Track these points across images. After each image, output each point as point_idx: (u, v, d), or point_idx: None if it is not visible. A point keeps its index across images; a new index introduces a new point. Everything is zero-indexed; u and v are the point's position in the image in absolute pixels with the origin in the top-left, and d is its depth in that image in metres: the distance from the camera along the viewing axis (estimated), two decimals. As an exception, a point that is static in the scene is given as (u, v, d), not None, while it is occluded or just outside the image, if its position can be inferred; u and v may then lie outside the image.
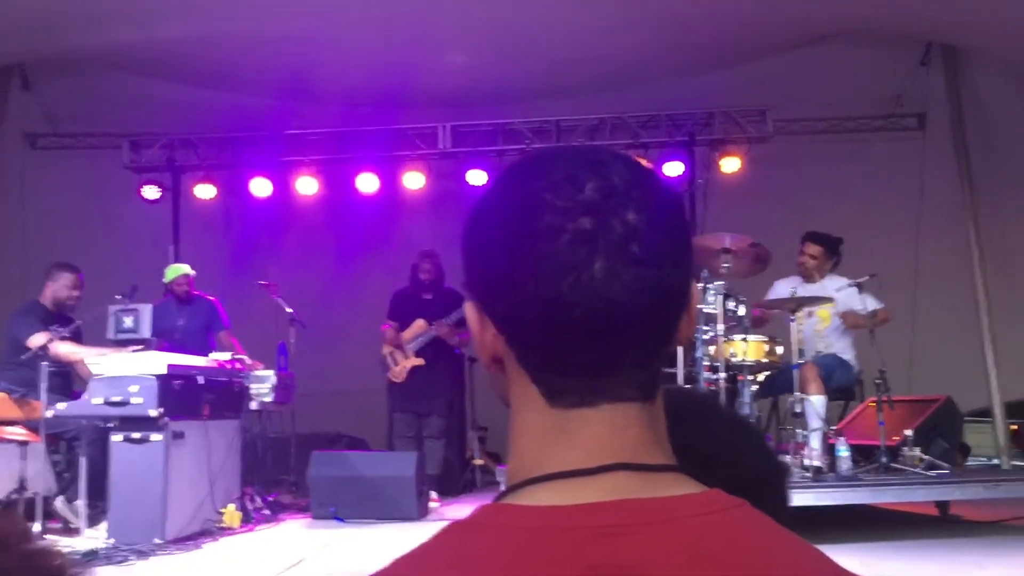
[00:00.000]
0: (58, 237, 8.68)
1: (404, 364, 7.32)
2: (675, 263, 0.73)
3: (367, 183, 9.23)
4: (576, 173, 0.72)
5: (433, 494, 6.85)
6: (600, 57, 8.42)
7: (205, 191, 9.47)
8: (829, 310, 6.28)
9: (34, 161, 9.36)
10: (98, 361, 5.41)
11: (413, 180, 9.26)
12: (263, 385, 6.69)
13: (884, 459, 5.56)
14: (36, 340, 5.79)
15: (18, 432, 5.59)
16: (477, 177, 9.02)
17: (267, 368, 6.81)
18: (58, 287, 6.29)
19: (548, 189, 0.72)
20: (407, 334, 7.34)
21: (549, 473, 0.72)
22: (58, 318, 6.20)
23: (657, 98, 8.99)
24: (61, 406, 5.35)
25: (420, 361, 7.32)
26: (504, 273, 0.72)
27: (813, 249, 6.39)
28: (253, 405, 6.62)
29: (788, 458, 5.56)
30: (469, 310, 0.78)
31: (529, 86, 9.01)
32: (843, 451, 5.42)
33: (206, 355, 6.21)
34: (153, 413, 5.12)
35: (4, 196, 8.93)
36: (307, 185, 9.33)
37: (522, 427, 0.76)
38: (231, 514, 5.64)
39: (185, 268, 7.27)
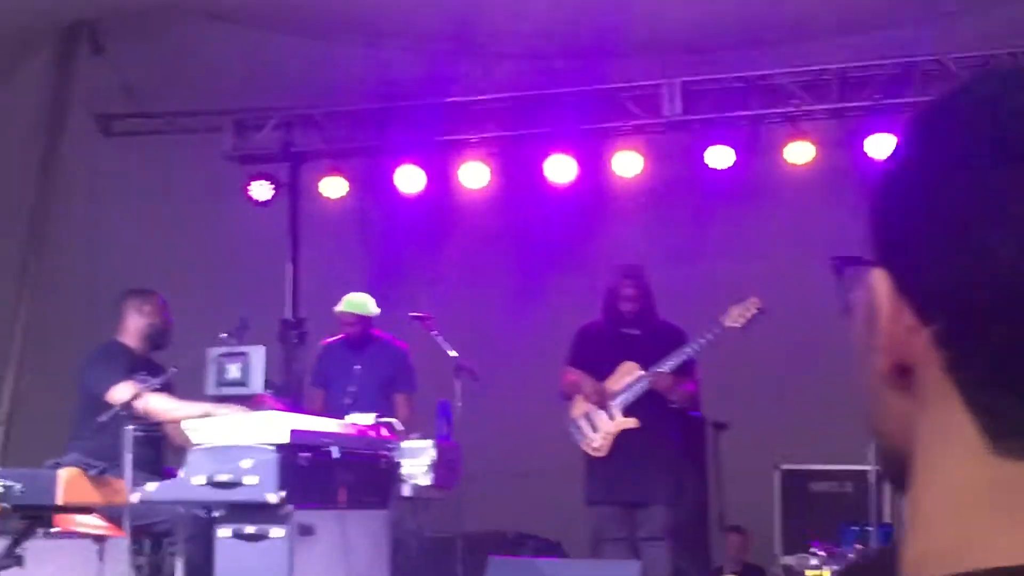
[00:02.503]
0: (138, 252, 9.11)
1: (609, 429, 7.15)
2: None
3: (559, 169, 9.22)
4: None
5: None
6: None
7: (334, 186, 9.67)
8: None
9: (108, 151, 9.83)
10: (199, 425, 5.57)
11: (626, 163, 9.23)
12: (418, 461, 6.73)
13: None
14: (120, 394, 5.97)
15: (94, 523, 5.76)
16: (720, 157, 8.90)
17: (423, 437, 6.86)
18: (141, 319, 6.55)
19: None
20: (614, 383, 7.19)
21: (986, 568, 0.66)
22: (144, 365, 6.45)
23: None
24: (151, 487, 5.48)
25: (633, 422, 7.16)
26: (964, 225, 0.66)
27: None
28: (406, 490, 6.68)
29: None
30: (877, 283, 0.72)
31: (788, 21, 8.83)
32: None
33: None
34: (273, 499, 5.18)
35: (69, 198, 9.36)
36: (475, 174, 9.44)
37: (937, 485, 0.69)
38: (377, 636, 5.71)
39: (359, 302, 7.65)
